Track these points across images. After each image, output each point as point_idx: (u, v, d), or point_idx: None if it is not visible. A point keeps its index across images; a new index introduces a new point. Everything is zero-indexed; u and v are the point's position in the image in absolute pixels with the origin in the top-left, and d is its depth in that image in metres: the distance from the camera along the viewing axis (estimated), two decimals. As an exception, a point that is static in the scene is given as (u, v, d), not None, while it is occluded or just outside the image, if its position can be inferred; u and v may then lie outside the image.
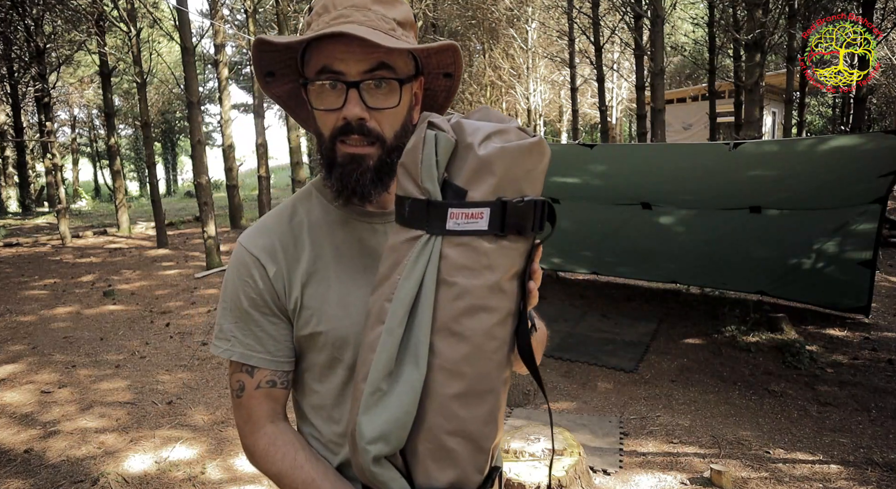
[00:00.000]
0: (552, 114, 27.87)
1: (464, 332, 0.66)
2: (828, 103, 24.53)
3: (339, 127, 0.79)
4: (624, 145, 5.02)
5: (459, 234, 0.66)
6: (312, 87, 0.80)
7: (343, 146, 0.80)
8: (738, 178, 3.99)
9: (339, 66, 0.77)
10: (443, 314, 0.67)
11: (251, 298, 0.84)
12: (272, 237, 0.86)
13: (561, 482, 2.27)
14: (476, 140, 0.66)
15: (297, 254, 0.85)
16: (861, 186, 3.89)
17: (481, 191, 0.66)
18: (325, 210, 0.89)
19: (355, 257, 0.87)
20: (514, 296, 0.70)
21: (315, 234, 0.87)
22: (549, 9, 19.32)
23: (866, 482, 2.68)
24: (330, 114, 0.80)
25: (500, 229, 0.66)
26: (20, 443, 3.27)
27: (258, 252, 0.85)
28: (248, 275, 0.84)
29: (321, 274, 0.85)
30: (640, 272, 6.29)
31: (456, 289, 0.66)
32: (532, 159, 0.68)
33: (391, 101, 0.80)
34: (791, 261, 4.96)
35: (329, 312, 0.84)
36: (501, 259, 0.67)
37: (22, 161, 19.53)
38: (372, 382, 0.67)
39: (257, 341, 0.85)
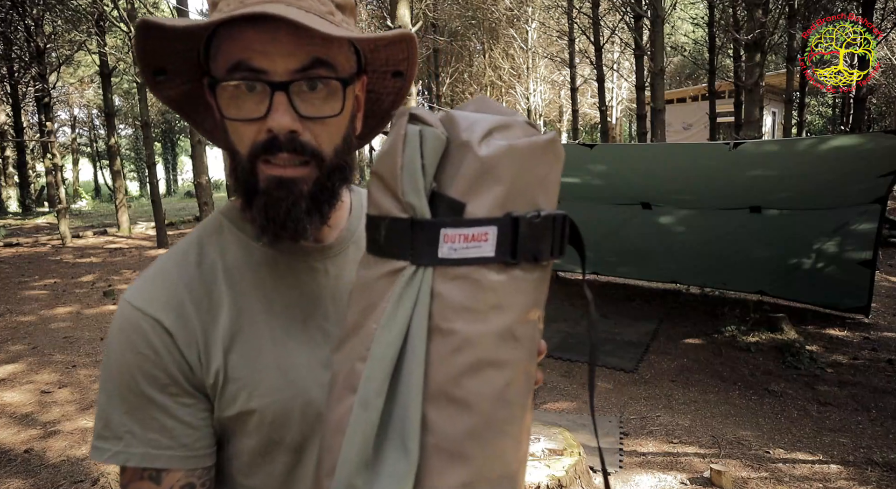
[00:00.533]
0: (552, 114, 27.87)
1: (467, 398, 0.48)
2: (828, 103, 24.54)
3: (262, 142, 0.59)
4: (624, 145, 5.02)
5: (457, 263, 0.48)
6: (223, 90, 0.60)
7: (267, 167, 0.60)
8: (738, 177, 3.99)
9: (261, 61, 0.57)
10: (438, 375, 0.48)
11: (152, 377, 0.61)
12: (176, 290, 0.63)
13: (561, 482, 2.27)
14: (474, 137, 0.49)
15: (214, 311, 0.64)
16: (861, 186, 3.89)
17: (484, 204, 0.48)
18: (244, 248, 0.67)
19: (292, 307, 0.67)
20: (532, 344, 0.52)
21: (235, 281, 0.66)
22: (549, 9, 19.32)
23: (866, 482, 2.68)
24: (249, 125, 0.59)
25: (510, 255, 0.48)
26: (20, 443, 3.27)
27: (157, 312, 0.62)
28: (145, 346, 0.61)
29: (248, 333, 0.64)
30: (640, 272, 6.29)
31: (454, 339, 0.48)
32: (547, 162, 0.52)
33: (331, 108, 0.61)
34: (791, 261, 4.96)
35: (263, 383, 0.64)
36: (514, 295, 0.50)
37: (22, 161, 19.54)
38: (342, 478, 0.48)
39: (165, 434, 0.61)
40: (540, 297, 0.53)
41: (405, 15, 9.58)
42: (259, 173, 0.60)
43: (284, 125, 0.58)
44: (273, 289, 0.67)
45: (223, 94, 0.60)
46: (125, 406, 0.62)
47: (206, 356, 0.63)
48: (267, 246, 0.67)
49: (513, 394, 0.50)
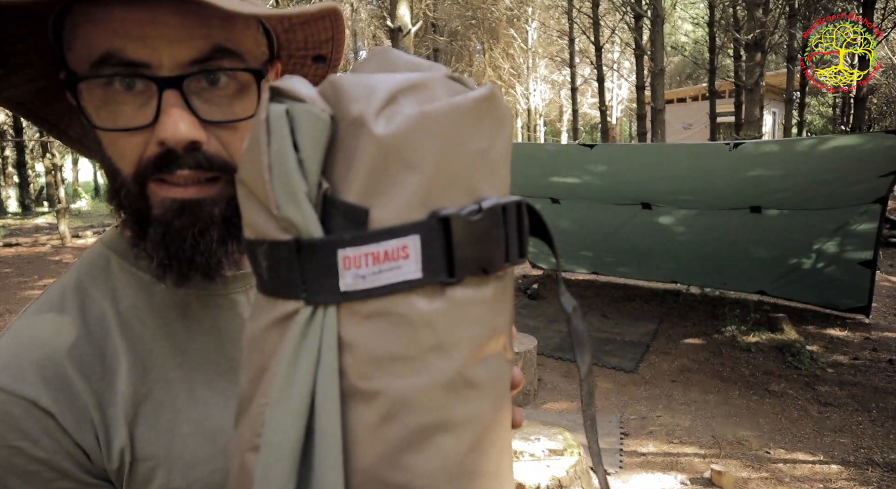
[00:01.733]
0: (552, 114, 27.88)
1: (413, 483, 0.33)
2: (828, 103, 24.55)
3: (153, 158, 0.45)
4: (624, 145, 5.02)
5: (369, 294, 0.32)
6: (88, 90, 0.45)
7: (161, 188, 0.46)
8: (739, 177, 3.99)
9: (139, 51, 0.43)
10: (366, 457, 0.33)
11: (30, 474, 0.45)
12: (52, 356, 0.47)
13: (561, 482, 2.27)
14: (370, 109, 0.32)
15: (109, 375, 0.48)
16: (861, 186, 3.89)
17: (396, 203, 0.32)
18: (142, 289, 0.52)
19: (212, 354, 0.52)
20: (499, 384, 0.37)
21: (134, 332, 0.50)
22: (549, 8, 19.33)
23: (867, 482, 2.67)
24: (130, 136, 0.45)
25: (446, 272, 0.33)
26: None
27: (30, 390, 0.45)
28: (17, 436, 0.45)
29: (159, 396, 0.50)
30: (640, 272, 6.29)
31: (381, 403, 0.33)
32: (484, 130, 0.35)
33: (242, 108, 0.48)
34: (791, 261, 4.96)
35: (186, 454, 0.49)
36: (460, 327, 0.34)
37: (21, 161, 19.54)
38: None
39: None
40: (499, 320, 0.37)
41: (405, 15, 9.58)
42: (151, 197, 0.46)
43: (181, 135, 0.43)
44: (186, 336, 0.52)
45: (89, 96, 0.45)
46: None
47: (104, 435, 0.47)
48: (174, 285, 0.50)
49: (480, 461, 0.35)
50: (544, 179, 4.94)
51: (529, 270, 7.03)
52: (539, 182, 5.07)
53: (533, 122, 21.89)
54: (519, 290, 5.85)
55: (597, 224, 5.57)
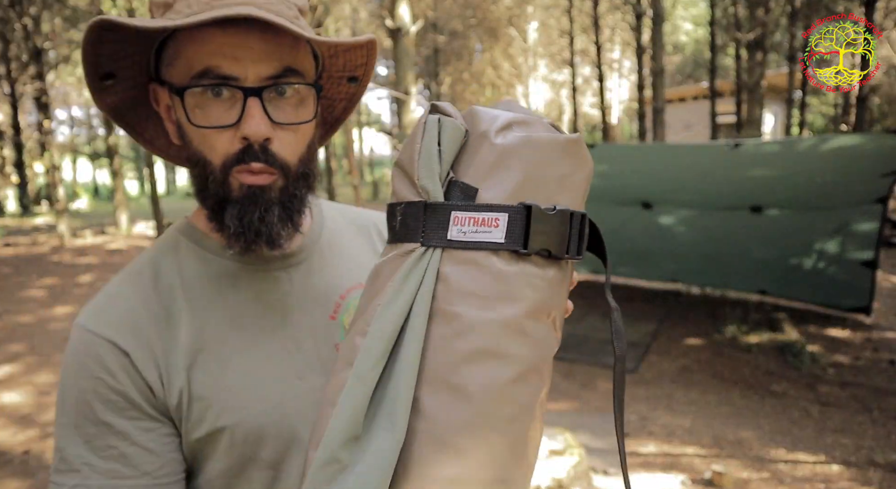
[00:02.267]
0: (552, 114, 27.89)
1: (466, 387, 0.46)
2: (829, 103, 24.54)
3: (237, 152, 0.58)
4: (624, 145, 5.01)
5: (466, 246, 0.48)
6: (190, 99, 0.57)
7: (241, 176, 0.59)
8: (739, 177, 3.98)
9: (232, 68, 0.56)
10: (437, 358, 0.47)
11: (109, 401, 0.58)
12: (131, 310, 0.61)
13: (561, 482, 2.26)
14: (493, 128, 0.50)
15: (174, 329, 0.61)
16: (862, 186, 3.88)
17: (498, 190, 0.48)
18: (203, 262, 0.65)
19: (257, 319, 0.64)
20: (545, 346, 0.50)
21: (195, 296, 0.63)
22: (549, 8, 19.32)
23: (868, 483, 2.66)
24: (220, 133, 0.58)
25: (522, 244, 0.47)
26: (18, 444, 3.26)
27: (113, 334, 0.59)
28: (100, 369, 0.58)
29: (212, 350, 0.62)
30: (640, 272, 6.28)
31: (457, 323, 0.47)
32: (568, 162, 0.51)
33: (304, 114, 0.61)
34: (792, 261, 4.95)
35: (232, 399, 0.61)
36: (523, 288, 0.48)
37: (20, 160, 19.53)
38: (327, 449, 0.46)
39: (125, 462, 0.58)
40: (555, 299, 0.51)
41: (405, 15, 9.57)
42: (232, 182, 0.59)
43: (261, 132, 0.57)
44: (236, 302, 0.65)
45: (191, 101, 0.57)
46: (82, 436, 0.58)
47: (167, 376, 0.60)
48: (227, 258, 0.66)
49: (518, 393, 0.48)
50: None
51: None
52: (539, 182, 5.07)
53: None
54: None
55: (597, 224, 5.57)
